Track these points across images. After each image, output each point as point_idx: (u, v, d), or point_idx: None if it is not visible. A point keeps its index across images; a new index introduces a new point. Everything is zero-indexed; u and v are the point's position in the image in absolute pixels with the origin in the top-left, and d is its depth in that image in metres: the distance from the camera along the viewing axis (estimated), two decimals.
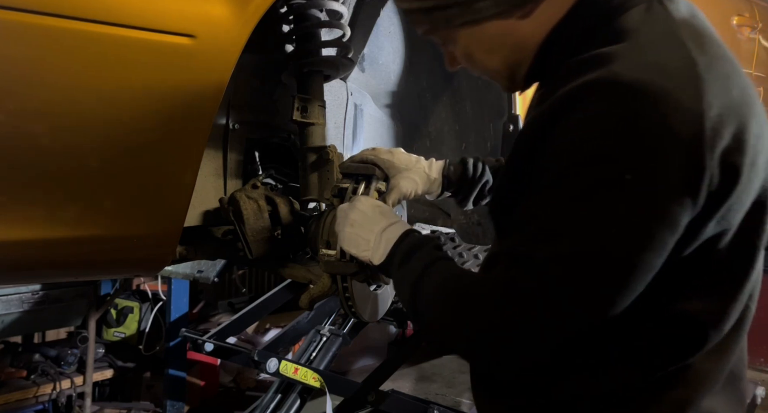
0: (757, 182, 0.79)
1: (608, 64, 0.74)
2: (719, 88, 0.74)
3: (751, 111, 0.77)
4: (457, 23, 0.87)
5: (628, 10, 0.81)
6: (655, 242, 0.72)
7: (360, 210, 1.03)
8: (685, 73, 0.73)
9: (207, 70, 1.08)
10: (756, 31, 2.72)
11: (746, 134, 0.75)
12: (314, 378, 2.29)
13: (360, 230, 1.01)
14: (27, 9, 0.92)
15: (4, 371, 3.24)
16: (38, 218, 1.04)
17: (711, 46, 0.79)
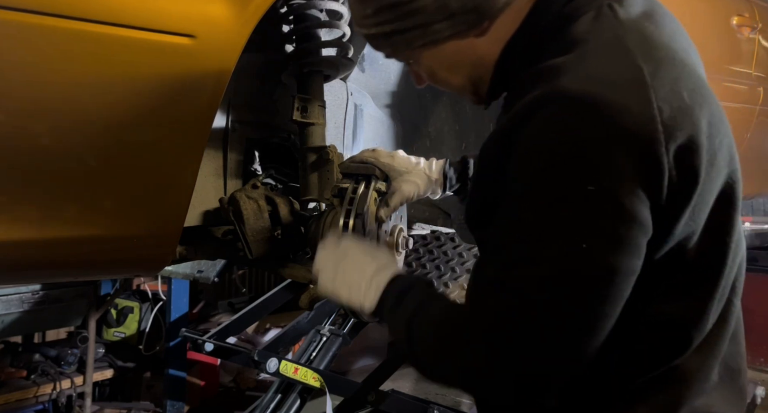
0: (719, 179, 0.80)
1: (556, 77, 0.75)
2: (667, 93, 0.74)
3: (702, 112, 0.77)
4: (417, 45, 0.89)
5: (578, 19, 0.82)
6: (630, 245, 0.72)
7: (350, 257, 1.01)
8: (632, 82, 0.74)
9: (207, 71, 1.08)
10: (756, 31, 2.72)
11: (700, 136, 0.75)
12: (314, 378, 2.29)
13: (351, 276, 0.99)
14: (27, 9, 0.92)
15: (4, 371, 3.24)
16: (38, 218, 1.04)
17: (658, 50, 0.79)
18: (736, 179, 0.84)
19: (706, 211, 0.79)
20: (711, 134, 0.78)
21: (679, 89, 0.76)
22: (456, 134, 1.98)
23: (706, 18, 2.54)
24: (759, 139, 2.81)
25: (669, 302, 0.81)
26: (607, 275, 0.72)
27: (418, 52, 0.91)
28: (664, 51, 0.79)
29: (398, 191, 1.22)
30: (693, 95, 0.77)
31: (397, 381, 3.45)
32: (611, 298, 0.73)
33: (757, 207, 3.66)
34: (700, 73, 0.84)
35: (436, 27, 0.85)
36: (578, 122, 0.71)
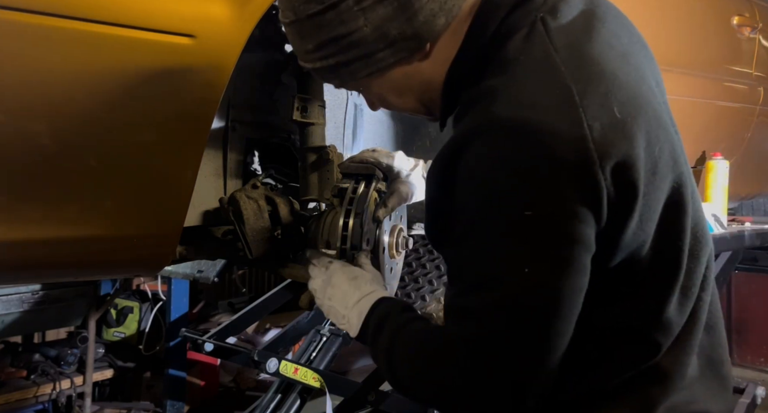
0: (664, 186, 0.80)
1: (488, 103, 0.76)
2: (597, 110, 0.75)
3: (636, 123, 0.77)
4: (363, 75, 0.90)
5: (512, 37, 0.82)
6: (574, 265, 0.74)
7: (334, 284, 1.05)
8: (561, 102, 0.74)
9: (207, 71, 1.08)
10: (756, 31, 2.72)
11: (636, 148, 0.76)
12: (314, 378, 2.29)
13: (337, 304, 1.03)
14: (27, 9, 0.92)
15: (4, 371, 3.24)
16: (38, 218, 1.04)
17: (588, 65, 0.79)
18: (682, 183, 0.84)
19: (654, 219, 0.80)
20: (649, 144, 0.78)
21: (610, 105, 0.76)
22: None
23: (707, 18, 2.54)
24: (759, 139, 2.81)
25: (627, 310, 0.82)
26: (553, 297, 0.74)
27: (365, 81, 0.92)
28: (594, 66, 0.79)
29: (396, 192, 1.23)
30: (624, 109, 0.77)
31: None
32: (561, 317, 0.75)
33: (757, 207, 3.66)
34: (635, 80, 0.83)
35: (378, 56, 0.86)
36: (511, 149, 0.73)
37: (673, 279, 0.83)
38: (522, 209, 0.72)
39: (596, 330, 0.81)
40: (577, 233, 0.73)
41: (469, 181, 0.76)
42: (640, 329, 0.82)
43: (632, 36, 0.91)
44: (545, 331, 0.75)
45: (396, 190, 1.23)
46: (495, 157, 0.73)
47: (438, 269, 2.54)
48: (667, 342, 0.83)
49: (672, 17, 2.31)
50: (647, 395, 0.83)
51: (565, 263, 0.73)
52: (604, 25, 0.85)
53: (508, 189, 0.73)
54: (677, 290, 0.83)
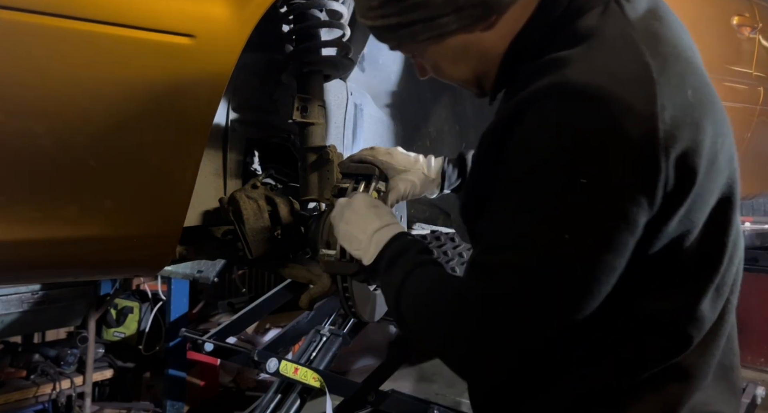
0: (720, 180, 0.80)
1: (561, 68, 0.75)
2: (673, 91, 0.74)
3: (706, 110, 0.77)
4: (422, 39, 0.88)
5: (584, 14, 0.81)
6: (614, 244, 0.72)
7: (355, 209, 1.04)
8: (638, 76, 0.73)
9: (207, 70, 1.08)
10: (756, 31, 2.72)
11: (702, 135, 0.75)
12: (314, 378, 2.29)
13: (354, 228, 1.02)
14: (27, 9, 0.92)
15: (4, 371, 3.24)
16: (38, 218, 1.04)
17: (665, 46, 0.79)
18: (735, 180, 0.84)
19: (705, 210, 0.79)
20: (714, 134, 0.77)
21: (684, 88, 0.76)
22: (456, 134, 1.98)
23: (707, 18, 2.54)
24: (759, 139, 2.81)
25: (664, 300, 0.81)
26: (587, 270, 0.73)
27: (423, 45, 0.90)
28: (670, 48, 0.79)
29: (394, 189, 1.22)
30: (697, 94, 0.77)
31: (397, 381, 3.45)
32: (587, 293, 0.74)
33: (757, 207, 3.66)
34: (703, 71, 0.84)
35: (442, 20, 0.84)
36: (580, 114, 0.71)
37: (713, 274, 0.82)
38: (578, 175, 0.70)
39: (631, 320, 0.81)
40: (627, 211, 0.71)
41: (528, 141, 0.74)
42: (674, 320, 0.81)
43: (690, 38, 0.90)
44: (566, 303, 0.74)
45: (395, 187, 1.23)
46: (561, 120, 0.72)
47: None
48: (698, 337, 0.83)
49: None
50: (672, 392, 0.82)
51: (607, 238, 0.72)
52: (670, 20, 0.85)
53: (568, 153, 0.71)
54: (714, 286, 0.83)
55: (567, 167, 0.71)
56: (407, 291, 0.89)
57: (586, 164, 0.71)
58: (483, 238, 0.81)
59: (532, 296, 0.74)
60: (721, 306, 0.86)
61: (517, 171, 0.75)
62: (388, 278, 0.94)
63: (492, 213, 0.80)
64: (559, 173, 0.72)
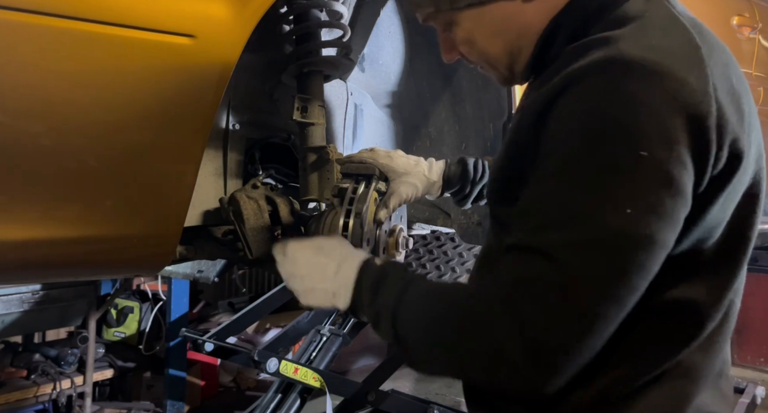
0: (749, 172, 0.79)
1: (614, 44, 0.73)
2: (721, 75, 0.74)
3: (746, 101, 0.78)
4: (463, 5, 0.85)
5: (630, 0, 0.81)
6: (672, 218, 0.70)
7: (301, 261, 0.94)
8: (690, 55, 0.73)
9: (207, 71, 1.08)
10: (756, 31, 2.72)
11: (744, 125, 0.76)
12: (314, 378, 2.29)
13: (309, 282, 0.92)
14: (27, 9, 0.92)
15: (4, 371, 3.24)
16: (38, 218, 1.04)
17: (708, 35, 0.80)
18: (762, 177, 0.83)
19: (735, 202, 0.79)
20: (750, 126, 0.78)
21: (729, 75, 0.77)
22: (456, 134, 1.98)
23: (707, 18, 2.54)
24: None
25: (690, 287, 0.79)
26: (644, 244, 0.68)
27: (460, 13, 0.87)
28: (713, 38, 0.80)
29: (396, 193, 1.22)
30: (738, 85, 0.78)
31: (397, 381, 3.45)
32: (644, 269, 0.69)
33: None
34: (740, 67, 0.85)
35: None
36: (638, 87, 0.69)
37: (737, 268, 0.82)
38: (636, 147, 0.67)
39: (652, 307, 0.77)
40: (683, 185, 0.69)
41: (580, 112, 0.71)
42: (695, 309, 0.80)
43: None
44: (627, 283, 0.69)
45: (396, 190, 1.23)
46: (617, 91, 0.69)
47: (438, 269, 2.54)
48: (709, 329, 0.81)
49: None
50: (679, 390, 0.81)
51: (667, 212, 0.69)
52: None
53: (625, 125, 0.68)
54: (737, 281, 0.83)
55: (626, 140, 0.68)
56: (405, 315, 0.80)
57: (644, 136, 0.68)
58: (527, 219, 0.73)
59: (598, 276, 0.68)
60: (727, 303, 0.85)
61: (568, 144, 0.71)
62: (377, 308, 0.84)
63: (537, 191, 0.73)
64: (617, 146, 0.68)
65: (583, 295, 0.68)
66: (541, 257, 0.70)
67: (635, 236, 0.68)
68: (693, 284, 0.79)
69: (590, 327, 0.69)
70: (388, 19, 1.76)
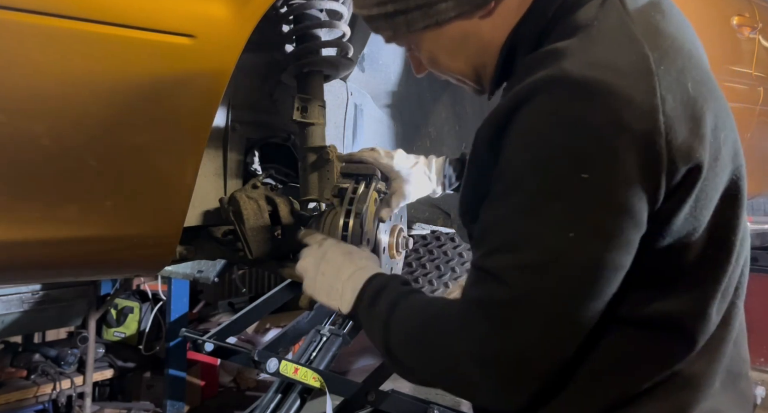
0: (723, 175, 0.78)
1: (558, 61, 0.72)
2: (672, 83, 0.73)
3: (707, 104, 0.75)
4: (419, 27, 0.86)
5: (584, 5, 0.80)
6: (619, 240, 0.70)
7: (330, 259, 0.99)
8: (637, 68, 0.72)
9: (207, 71, 1.08)
10: (756, 31, 2.72)
11: (704, 128, 0.74)
12: (314, 378, 2.29)
13: (329, 278, 0.97)
14: (27, 9, 0.92)
15: (4, 371, 3.24)
16: (38, 218, 1.04)
17: (665, 39, 0.77)
18: (740, 176, 0.82)
19: (710, 207, 0.77)
20: (716, 128, 0.76)
21: (684, 80, 0.74)
22: (456, 134, 1.98)
23: (707, 18, 2.54)
24: (759, 139, 2.81)
25: (670, 299, 0.78)
26: (591, 268, 0.70)
27: (420, 34, 0.87)
28: (670, 40, 0.77)
29: (398, 192, 1.22)
30: (698, 87, 0.75)
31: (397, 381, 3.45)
32: (594, 292, 0.71)
33: (758, 207, 3.65)
34: (706, 66, 0.82)
35: (440, 7, 0.83)
36: (579, 107, 0.69)
37: (721, 274, 0.80)
38: (579, 170, 0.68)
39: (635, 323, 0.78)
40: (630, 206, 0.69)
41: (525, 135, 0.72)
42: (679, 323, 0.78)
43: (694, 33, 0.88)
44: (575, 303, 0.71)
45: (397, 189, 1.23)
46: (559, 113, 0.70)
47: (438, 269, 2.54)
48: (701, 341, 0.80)
49: None
50: (679, 401, 0.79)
51: (613, 235, 0.69)
52: (673, 13, 0.84)
53: (568, 148, 0.69)
54: (722, 287, 0.81)
55: (567, 163, 0.69)
56: (396, 322, 0.84)
57: (587, 159, 0.69)
58: (483, 241, 0.77)
59: (538, 299, 0.71)
60: (725, 309, 0.83)
61: (515, 168, 0.73)
62: (372, 316, 0.88)
63: (490, 214, 0.77)
64: (559, 169, 0.70)
65: (529, 315, 0.71)
66: (492, 278, 0.73)
67: (578, 259, 0.70)
68: (674, 295, 0.78)
69: (538, 345, 0.72)
70: None
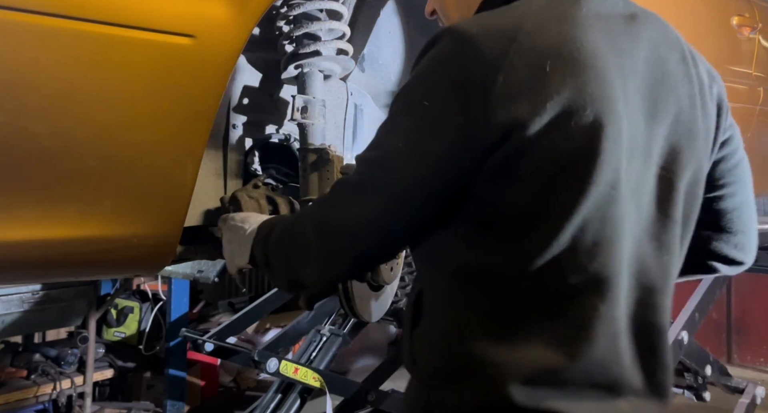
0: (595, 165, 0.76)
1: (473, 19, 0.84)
2: (533, 56, 0.76)
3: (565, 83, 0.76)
4: None
5: None
6: (434, 164, 0.79)
7: (229, 231, 1.11)
8: (504, 33, 0.77)
9: (207, 71, 1.08)
10: (756, 31, 2.72)
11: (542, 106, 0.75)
12: (314, 378, 2.30)
13: (234, 245, 1.08)
14: (27, 9, 0.92)
15: (4, 371, 3.24)
16: (38, 218, 1.04)
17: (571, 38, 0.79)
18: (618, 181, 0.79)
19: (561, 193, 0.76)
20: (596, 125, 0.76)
21: (544, 60, 0.76)
22: None
23: (707, 18, 2.54)
24: (759, 139, 2.81)
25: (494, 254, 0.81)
26: (408, 177, 0.81)
27: None
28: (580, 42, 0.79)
29: None
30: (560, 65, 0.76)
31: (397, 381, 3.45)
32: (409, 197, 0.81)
33: (758, 207, 3.66)
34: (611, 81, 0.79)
35: None
36: (447, 50, 0.80)
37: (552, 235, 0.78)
38: (425, 97, 0.80)
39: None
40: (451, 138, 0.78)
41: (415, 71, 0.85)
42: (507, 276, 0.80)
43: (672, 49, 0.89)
44: (396, 201, 0.82)
45: None
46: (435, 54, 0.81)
47: None
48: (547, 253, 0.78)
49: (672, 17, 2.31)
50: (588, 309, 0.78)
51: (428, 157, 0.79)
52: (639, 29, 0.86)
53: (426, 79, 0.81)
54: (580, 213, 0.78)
55: (421, 90, 0.81)
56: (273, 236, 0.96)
57: (433, 90, 0.80)
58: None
59: (375, 187, 0.83)
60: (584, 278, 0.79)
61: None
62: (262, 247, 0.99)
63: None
64: (415, 94, 0.82)
65: (363, 198, 0.84)
66: (355, 167, 0.88)
67: (401, 165, 0.81)
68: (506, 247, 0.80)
69: (363, 224, 0.84)
70: (388, 19, 1.76)
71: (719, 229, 1.03)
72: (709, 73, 0.97)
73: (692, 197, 0.90)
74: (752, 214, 1.06)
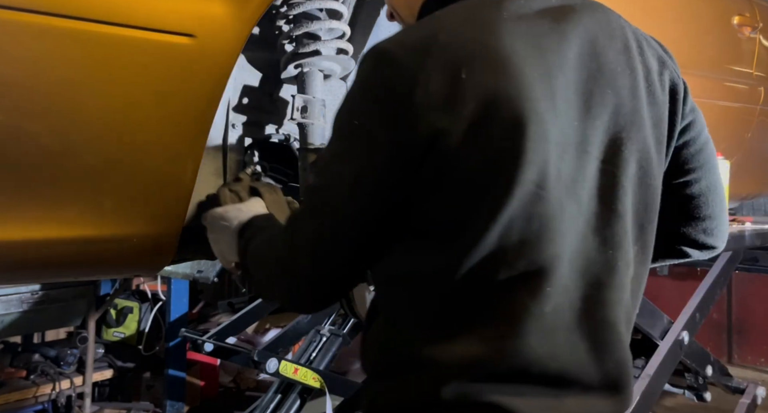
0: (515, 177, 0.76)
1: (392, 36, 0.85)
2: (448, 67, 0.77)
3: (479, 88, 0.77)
4: None
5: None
6: (363, 184, 0.80)
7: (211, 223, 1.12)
8: (419, 47, 0.79)
9: (207, 70, 1.08)
10: (756, 30, 2.72)
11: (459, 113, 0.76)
12: (314, 378, 2.30)
13: (222, 244, 1.09)
14: (27, 9, 0.92)
15: (3, 371, 3.24)
16: (38, 218, 1.04)
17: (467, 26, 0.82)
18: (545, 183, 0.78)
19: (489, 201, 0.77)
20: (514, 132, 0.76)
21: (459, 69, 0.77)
22: None
23: (707, 18, 2.54)
24: (759, 139, 2.81)
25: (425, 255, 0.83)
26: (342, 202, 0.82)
27: None
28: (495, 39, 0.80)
29: None
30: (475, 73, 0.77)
31: None
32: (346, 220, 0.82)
33: (758, 207, 3.65)
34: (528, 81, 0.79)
35: None
36: (368, 70, 0.81)
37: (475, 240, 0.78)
38: (353, 118, 0.82)
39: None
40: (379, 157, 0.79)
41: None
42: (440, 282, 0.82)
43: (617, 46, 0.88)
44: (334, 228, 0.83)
45: None
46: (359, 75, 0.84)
47: None
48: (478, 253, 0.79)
49: (672, 17, 2.31)
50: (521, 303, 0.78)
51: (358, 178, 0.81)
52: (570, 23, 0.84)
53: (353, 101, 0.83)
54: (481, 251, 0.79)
55: (349, 112, 0.83)
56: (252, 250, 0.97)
57: (360, 110, 0.81)
58: None
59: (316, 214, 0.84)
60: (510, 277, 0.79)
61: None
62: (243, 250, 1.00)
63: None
64: (344, 116, 0.84)
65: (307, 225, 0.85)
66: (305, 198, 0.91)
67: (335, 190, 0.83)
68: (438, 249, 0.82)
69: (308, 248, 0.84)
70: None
71: (687, 215, 1.01)
72: (659, 59, 0.95)
73: (644, 188, 0.87)
74: (721, 199, 1.03)
